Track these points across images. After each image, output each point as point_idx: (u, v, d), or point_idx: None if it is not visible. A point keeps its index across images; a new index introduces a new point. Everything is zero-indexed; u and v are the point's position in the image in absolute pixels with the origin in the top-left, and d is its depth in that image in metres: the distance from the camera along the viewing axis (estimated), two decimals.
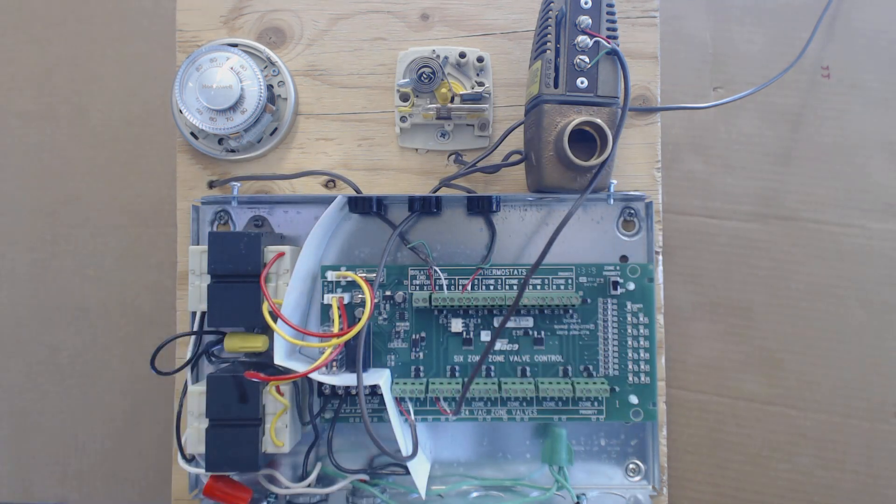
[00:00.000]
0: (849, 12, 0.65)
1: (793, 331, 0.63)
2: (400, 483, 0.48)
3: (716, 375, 0.64)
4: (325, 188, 0.52)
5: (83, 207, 0.69)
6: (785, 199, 0.64)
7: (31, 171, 0.70)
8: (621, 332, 0.48)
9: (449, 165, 0.52)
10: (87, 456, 0.68)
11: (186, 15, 0.53)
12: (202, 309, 0.46)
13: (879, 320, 0.62)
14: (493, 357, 0.49)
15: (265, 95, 0.49)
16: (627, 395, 0.48)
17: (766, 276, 0.64)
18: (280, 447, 0.45)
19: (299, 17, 0.53)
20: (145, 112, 0.70)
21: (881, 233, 0.63)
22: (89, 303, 0.68)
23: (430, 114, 0.50)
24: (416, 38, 0.53)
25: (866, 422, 0.62)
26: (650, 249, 0.50)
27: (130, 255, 0.69)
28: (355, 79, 0.53)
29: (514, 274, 0.49)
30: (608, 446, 0.50)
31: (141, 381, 0.68)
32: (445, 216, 0.51)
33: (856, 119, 0.64)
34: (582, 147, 0.45)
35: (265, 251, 0.46)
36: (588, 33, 0.44)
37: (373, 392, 0.48)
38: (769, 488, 0.62)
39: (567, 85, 0.45)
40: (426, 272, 0.49)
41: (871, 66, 0.64)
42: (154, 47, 0.71)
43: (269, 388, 0.45)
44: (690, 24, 0.66)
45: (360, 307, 0.49)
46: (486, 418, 0.48)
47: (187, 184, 0.52)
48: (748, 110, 0.65)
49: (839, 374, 0.62)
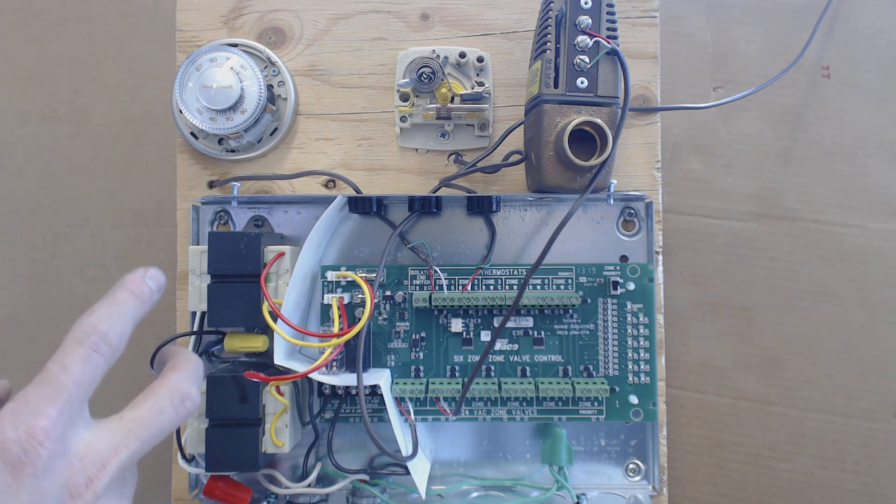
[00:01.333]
0: (849, 12, 0.65)
1: (793, 331, 0.63)
2: (400, 483, 0.48)
3: (716, 375, 0.64)
4: (325, 188, 0.52)
5: (83, 207, 0.69)
6: (785, 199, 0.64)
7: (31, 171, 0.70)
8: (621, 332, 0.48)
9: (449, 165, 0.52)
10: None
11: (186, 15, 0.53)
12: (202, 309, 0.46)
13: (879, 320, 0.62)
14: (493, 357, 0.49)
15: (265, 95, 0.49)
16: (627, 395, 0.48)
17: (766, 276, 0.64)
18: (280, 447, 0.45)
19: (299, 17, 0.53)
20: (145, 112, 0.70)
21: (881, 233, 0.63)
22: (89, 303, 0.68)
23: (430, 114, 0.50)
24: (416, 38, 0.53)
25: (866, 422, 0.62)
26: (650, 249, 0.50)
27: (130, 255, 0.69)
28: (355, 79, 0.53)
29: (514, 274, 0.49)
30: (608, 446, 0.50)
31: (141, 381, 0.68)
32: (445, 216, 0.51)
33: (856, 119, 0.64)
34: (582, 147, 0.45)
35: (265, 251, 0.46)
36: (588, 33, 0.44)
37: (373, 392, 0.48)
38: (769, 488, 0.62)
39: (567, 85, 0.45)
40: (426, 272, 0.49)
41: (871, 66, 0.64)
42: (154, 47, 0.71)
43: (269, 388, 0.45)
44: (690, 24, 0.66)
45: (360, 307, 0.49)
46: (486, 418, 0.48)
47: (187, 184, 0.52)
48: (748, 110, 0.65)
49: (839, 374, 0.62)
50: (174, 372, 0.37)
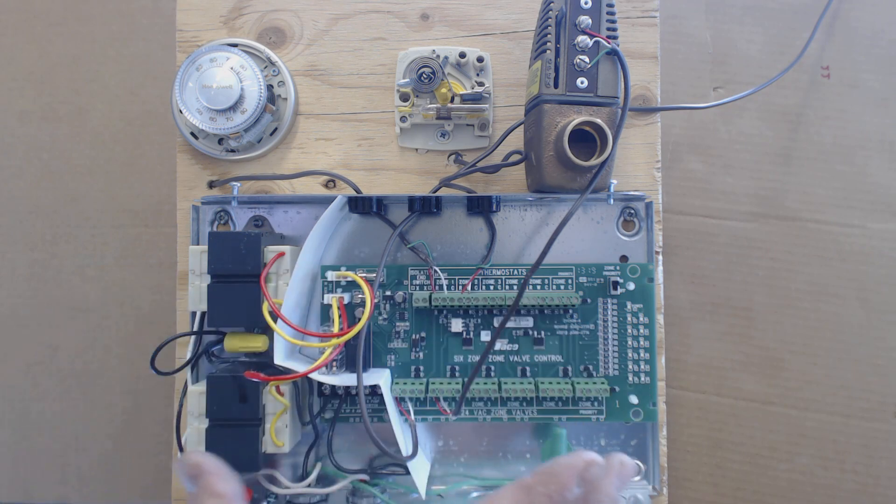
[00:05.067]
0: (849, 12, 0.65)
1: (793, 331, 0.63)
2: (400, 483, 0.48)
3: (716, 375, 0.64)
4: (325, 188, 0.52)
5: (83, 207, 0.69)
6: (785, 199, 0.64)
7: (31, 171, 0.70)
8: (621, 332, 0.48)
9: (449, 165, 0.52)
10: (87, 456, 0.68)
11: (186, 15, 0.53)
12: (202, 309, 0.46)
13: (879, 320, 0.62)
14: (493, 357, 0.49)
15: (265, 95, 0.49)
16: (627, 395, 0.48)
17: (766, 276, 0.64)
18: (280, 447, 0.45)
19: (299, 17, 0.53)
20: (145, 112, 0.70)
21: (881, 233, 0.63)
22: (89, 303, 0.68)
23: (430, 114, 0.50)
24: (416, 38, 0.53)
25: (866, 422, 0.62)
26: (650, 249, 0.50)
27: (130, 255, 0.69)
28: (355, 79, 0.53)
29: (514, 274, 0.49)
30: (608, 446, 0.50)
31: (141, 381, 0.68)
32: (445, 216, 0.51)
33: (856, 119, 0.64)
34: (582, 147, 0.45)
35: (265, 251, 0.46)
36: (588, 33, 0.44)
37: (373, 392, 0.48)
38: (769, 488, 0.62)
39: (567, 85, 0.45)
40: (426, 272, 0.49)
41: (871, 66, 0.64)
42: (154, 47, 0.71)
43: (269, 388, 0.45)
44: (690, 24, 0.66)
45: (360, 307, 0.49)
46: (486, 418, 0.48)
47: (187, 184, 0.52)
48: (748, 110, 0.65)
49: (839, 374, 0.62)
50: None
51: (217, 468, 0.38)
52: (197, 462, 0.39)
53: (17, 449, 0.68)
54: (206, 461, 0.39)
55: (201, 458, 0.39)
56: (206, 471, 0.38)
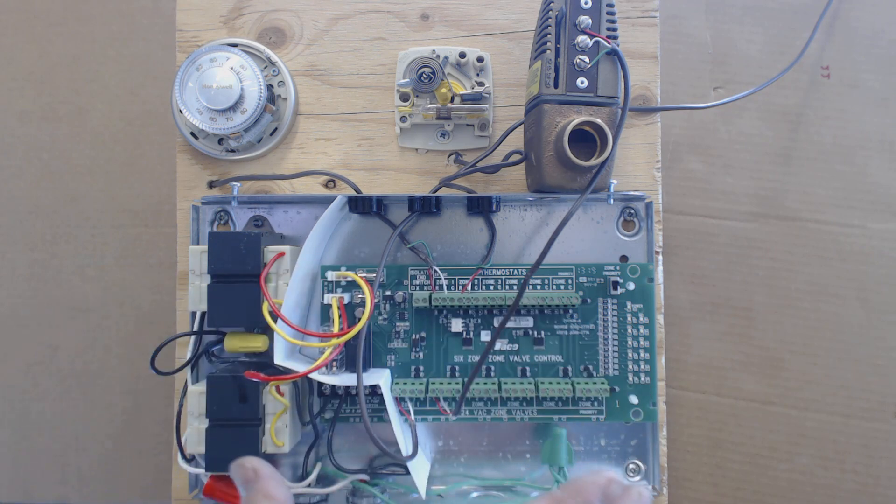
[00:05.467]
0: (849, 12, 0.65)
1: (793, 331, 0.63)
2: (400, 483, 0.48)
3: (716, 375, 0.64)
4: (325, 188, 0.52)
5: (83, 207, 0.69)
6: (785, 199, 0.64)
7: (31, 171, 0.70)
8: (621, 332, 0.48)
9: (449, 165, 0.52)
10: (87, 456, 0.68)
11: (186, 15, 0.53)
12: (202, 309, 0.46)
13: (879, 320, 0.62)
14: (493, 357, 0.49)
15: (265, 95, 0.49)
16: (627, 395, 0.48)
17: (766, 276, 0.64)
18: (280, 447, 0.45)
19: (299, 17, 0.53)
20: (145, 112, 0.70)
21: (881, 233, 0.63)
22: (89, 303, 0.68)
23: (430, 114, 0.50)
24: (416, 38, 0.53)
25: (866, 422, 0.62)
26: (650, 249, 0.50)
27: (130, 255, 0.69)
28: (355, 79, 0.53)
29: (514, 274, 0.49)
30: (608, 446, 0.50)
31: (141, 381, 0.68)
32: (445, 216, 0.51)
33: (856, 119, 0.64)
34: (582, 147, 0.45)
35: (265, 251, 0.46)
36: (588, 33, 0.44)
37: (373, 392, 0.48)
38: (769, 488, 0.62)
39: (567, 85, 0.45)
40: (426, 272, 0.49)
41: (871, 66, 0.64)
42: (154, 47, 0.71)
43: (269, 388, 0.45)
44: (690, 24, 0.66)
45: (360, 307, 0.49)
46: (486, 418, 0.48)
47: (187, 184, 0.52)
48: (748, 110, 0.65)
49: (839, 374, 0.62)
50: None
51: (273, 473, 0.41)
52: (255, 467, 0.41)
53: (17, 449, 0.68)
54: (263, 467, 0.41)
55: (258, 463, 0.41)
56: (263, 475, 0.41)
